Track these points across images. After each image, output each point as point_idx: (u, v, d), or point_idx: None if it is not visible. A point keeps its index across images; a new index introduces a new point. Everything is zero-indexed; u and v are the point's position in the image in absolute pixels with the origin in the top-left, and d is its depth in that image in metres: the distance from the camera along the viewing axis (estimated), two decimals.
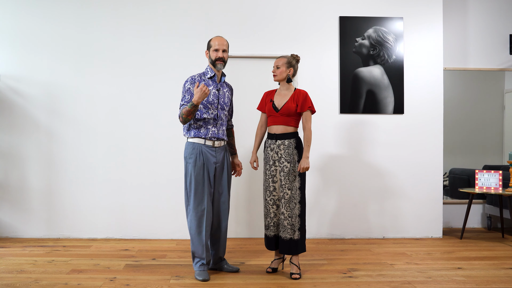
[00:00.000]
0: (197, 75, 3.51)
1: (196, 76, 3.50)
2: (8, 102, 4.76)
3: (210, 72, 3.52)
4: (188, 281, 3.32)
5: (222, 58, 3.47)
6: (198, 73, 3.54)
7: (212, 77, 3.52)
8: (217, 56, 3.46)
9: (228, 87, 3.65)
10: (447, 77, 5.41)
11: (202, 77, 3.51)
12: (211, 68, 3.53)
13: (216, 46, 3.47)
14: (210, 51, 3.49)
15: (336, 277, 3.44)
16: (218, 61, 3.47)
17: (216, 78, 3.53)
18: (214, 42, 3.49)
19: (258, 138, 3.70)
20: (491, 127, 5.59)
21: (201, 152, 3.42)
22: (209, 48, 3.51)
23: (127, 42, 4.80)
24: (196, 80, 3.47)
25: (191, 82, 3.46)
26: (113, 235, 4.77)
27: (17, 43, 4.76)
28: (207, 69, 3.55)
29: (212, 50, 3.48)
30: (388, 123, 4.93)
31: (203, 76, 3.52)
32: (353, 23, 4.90)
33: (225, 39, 3.53)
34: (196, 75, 3.52)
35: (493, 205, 5.26)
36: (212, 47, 3.48)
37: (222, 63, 3.49)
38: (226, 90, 3.59)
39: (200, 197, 3.39)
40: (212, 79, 3.52)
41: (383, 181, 4.92)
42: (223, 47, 3.47)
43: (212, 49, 3.48)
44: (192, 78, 3.48)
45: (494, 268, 3.70)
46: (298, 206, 3.46)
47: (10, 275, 3.43)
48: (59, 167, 4.76)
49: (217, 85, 3.52)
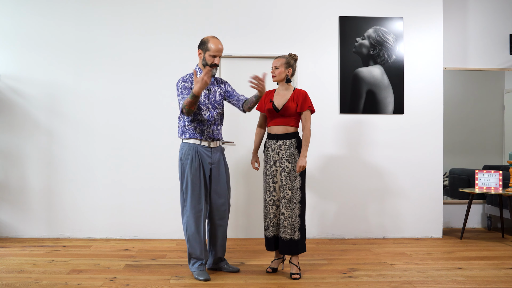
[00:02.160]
0: (187, 76, 3.46)
1: (187, 77, 3.45)
2: (8, 102, 4.76)
3: (200, 73, 3.47)
4: (188, 281, 3.32)
5: (217, 64, 3.43)
6: (188, 74, 3.49)
7: None
8: (213, 62, 3.41)
9: (219, 83, 3.57)
10: (447, 77, 5.41)
11: (193, 77, 3.43)
12: (200, 69, 3.48)
13: (215, 52, 3.39)
14: (206, 54, 3.40)
15: (336, 277, 3.44)
16: (214, 67, 3.43)
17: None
18: (212, 46, 3.39)
19: (258, 138, 3.70)
20: (491, 127, 5.59)
21: (197, 152, 3.41)
22: (205, 49, 3.42)
23: (128, 42, 4.80)
24: (188, 80, 3.42)
25: (184, 80, 3.41)
26: (113, 235, 4.77)
27: (17, 43, 4.76)
28: (196, 69, 3.49)
29: (209, 55, 3.39)
30: (388, 123, 4.93)
31: (193, 76, 3.44)
32: (353, 23, 4.90)
33: (222, 44, 3.45)
34: (186, 75, 3.46)
35: (493, 205, 5.26)
36: (209, 51, 3.39)
37: (216, 68, 3.46)
38: (217, 88, 3.53)
39: (197, 198, 3.38)
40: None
41: (383, 181, 4.92)
42: (221, 54, 3.42)
43: (209, 54, 3.39)
44: (183, 78, 3.43)
45: (494, 268, 3.70)
46: (298, 206, 3.46)
47: (10, 275, 3.43)
48: (59, 167, 4.76)
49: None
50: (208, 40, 3.43)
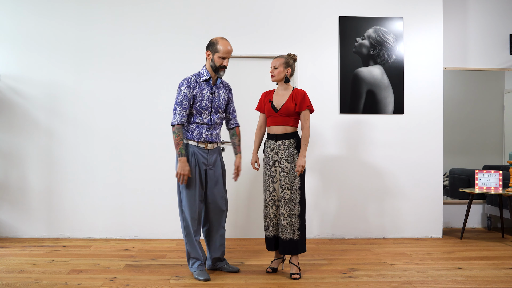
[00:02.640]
0: (192, 77, 3.40)
1: (192, 79, 3.38)
2: (8, 102, 4.76)
3: (206, 75, 3.41)
4: (188, 281, 3.32)
5: (226, 66, 3.40)
6: (193, 74, 3.45)
7: (207, 80, 3.42)
8: (222, 64, 3.37)
9: (224, 87, 3.55)
10: (447, 77, 5.41)
11: (198, 79, 3.40)
12: (207, 70, 3.42)
13: (224, 54, 3.34)
14: (215, 56, 3.35)
15: (336, 277, 3.44)
16: (222, 69, 3.40)
17: (211, 81, 3.44)
18: (222, 47, 3.34)
19: (258, 138, 3.70)
20: (491, 127, 5.59)
21: (193, 153, 3.40)
22: (214, 51, 3.36)
23: (128, 42, 4.80)
24: (192, 83, 3.36)
25: (187, 86, 3.35)
26: (113, 235, 4.77)
27: (17, 43, 4.76)
28: (203, 70, 3.44)
29: (218, 57, 3.34)
30: (388, 123, 4.93)
31: (198, 78, 3.41)
32: (353, 23, 4.90)
33: (231, 46, 3.41)
34: (191, 76, 3.41)
35: (493, 205, 5.26)
36: (218, 53, 3.34)
37: (224, 70, 3.43)
38: (222, 92, 3.50)
39: (192, 198, 3.38)
40: (207, 82, 3.43)
41: (383, 181, 4.92)
42: (229, 55, 3.38)
43: (219, 55, 3.34)
44: (187, 82, 3.37)
45: (494, 268, 3.70)
46: (298, 206, 3.46)
47: (10, 275, 3.43)
48: (59, 167, 4.76)
49: (211, 88, 3.43)
50: (217, 41, 3.38)
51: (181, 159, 3.31)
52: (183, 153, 3.32)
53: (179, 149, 3.32)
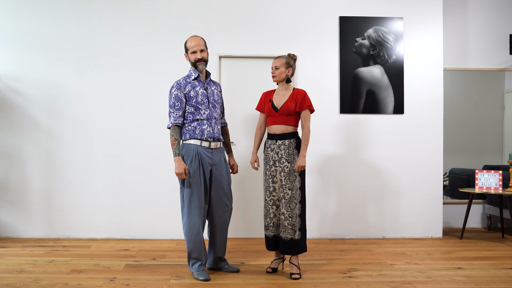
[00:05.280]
0: (182, 79, 3.48)
1: (181, 80, 3.47)
2: (8, 102, 4.76)
3: (194, 74, 3.50)
4: (188, 281, 3.32)
5: (202, 58, 3.45)
6: (182, 77, 3.52)
7: (196, 78, 3.50)
8: (196, 58, 3.44)
9: (215, 84, 3.63)
10: (447, 77, 5.41)
11: (187, 79, 3.48)
12: (193, 69, 3.51)
13: (193, 48, 3.44)
14: (189, 54, 3.47)
15: (336, 277, 3.44)
16: (199, 62, 3.45)
17: (201, 78, 3.52)
18: (190, 44, 3.46)
19: (258, 138, 3.70)
20: (491, 127, 5.59)
21: (197, 153, 3.42)
22: (186, 51, 3.49)
23: (128, 42, 4.80)
24: (181, 83, 3.45)
25: (177, 87, 3.43)
26: (113, 235, 4.77)
27: (17, 43, 4.76)
28: (190, 71, 3.53)
29: (190, 53, 3.46)
30: (388, 123, 4.93)
31: (188, 78, 3.49)
32: (353, 23, 4.90)
33: (200, 38, 3.49)
34: (181, 79, 3.49)
35: (493, 205, 5.26)
36: (189, 50, 3.46)
37: (203, 63, 3.47)
38: (214, 88, 3.58)
39: (196, 198, 3.38)
40: (197, 79, 3.50)
41: (383, 181, 4.92)
42: (200, 47, 3.45)
43: (190, 52, 3.46)
44: (178, 84, 3.45)
45: (494, 268, 3.70)
46: (299, 206, 3.46)
47: (10, 275, 3.43)
48: (59, 167, 4.76)
49: (203, 84, 3.51)
50: (186, 41, 3.52)
51: (176, 158, 3.37)
52: (177, 152, 3.38)
53: (173, 149, 3.38)
